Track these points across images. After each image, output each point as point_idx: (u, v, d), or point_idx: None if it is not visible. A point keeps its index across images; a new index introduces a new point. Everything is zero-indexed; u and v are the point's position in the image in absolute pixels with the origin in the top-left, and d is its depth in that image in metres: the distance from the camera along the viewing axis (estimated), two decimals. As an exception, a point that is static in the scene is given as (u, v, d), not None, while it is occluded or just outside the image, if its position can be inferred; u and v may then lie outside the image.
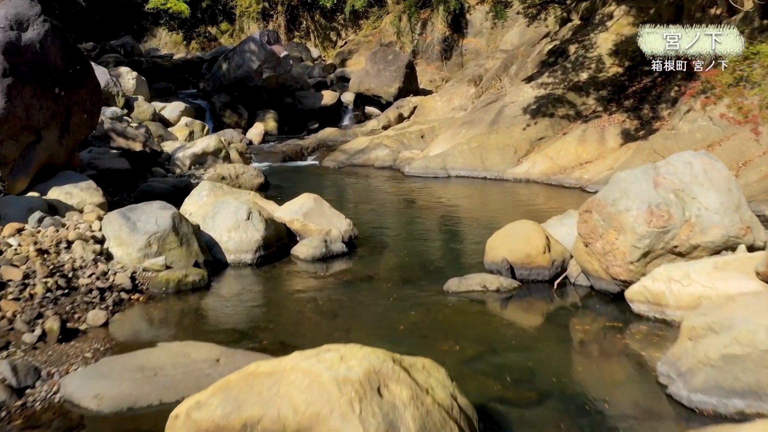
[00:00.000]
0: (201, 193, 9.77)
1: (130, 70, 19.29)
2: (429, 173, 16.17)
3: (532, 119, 16.62)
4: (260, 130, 21.26)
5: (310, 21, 33.98)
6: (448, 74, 27.58)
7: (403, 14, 29.86)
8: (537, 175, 15.38)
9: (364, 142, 18.78)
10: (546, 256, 7.80)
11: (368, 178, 16.16)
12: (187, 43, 35.02)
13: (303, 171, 17.21)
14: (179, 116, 18.96)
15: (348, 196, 13.79)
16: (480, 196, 14.09)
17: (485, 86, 22.21)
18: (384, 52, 25.50)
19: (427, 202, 13.24)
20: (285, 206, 9.73)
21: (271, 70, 22.96)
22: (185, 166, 14.57)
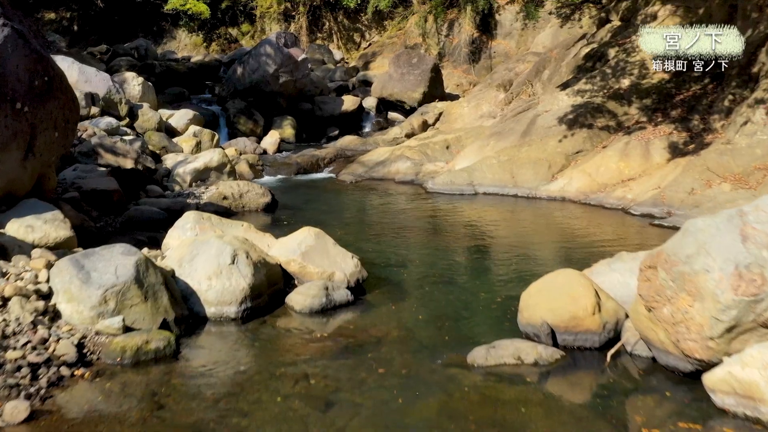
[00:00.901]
0: (185, 226, 8.29)
1: (135, 76, 17.89)
2: (454, 190, 14.56)
3: (568, 130, 14.95)
4: (275, 139, 19.78)
5: (332, 22, 32.45)
6: (475, 78, 25.90)
7: (428, 15, 28.24)
8: (573, 193, 13.72)
9: (384, 154, 17.21)
10: (595, 318, 6.19)
11: (387, 194, 14.59)
12: (207, 45, 33.67)
13: (317, 186, 15.68)
14: (187, 125, 17.52)
15: (361, 219, 12.22)
16: (511, 219, 12.45)
17: (515, 92, 20.55)
18: (408, 55, 23.90)
19: (450, 227, 11.64)
20: (281, 242, 8.18)
21: (288, 74, 21.48)
22: (185, 183, 13.11)
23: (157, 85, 22.40)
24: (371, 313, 7.23)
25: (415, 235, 10.94)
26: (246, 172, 16.01)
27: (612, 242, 10.41)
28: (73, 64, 15.97)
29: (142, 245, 9.13)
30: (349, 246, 9.60)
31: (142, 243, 9.35)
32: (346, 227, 11.23)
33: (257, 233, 8.53)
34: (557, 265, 8.92)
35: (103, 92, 15.93)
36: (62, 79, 8.96)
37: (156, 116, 16.64)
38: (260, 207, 12.35)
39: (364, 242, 10.21)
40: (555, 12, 25.42)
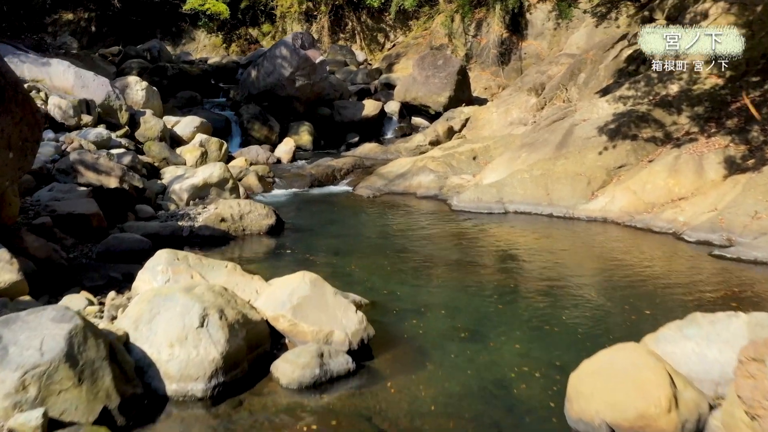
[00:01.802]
0: (155, 268, 6.77)
1: (138, 80, 16.47)
2: (481, 207, 12.94)
3: (609, 142, 13.25)
4: (290, 147, 18.29)
5: (355, 22, 30.91)
6: (505, 81, 24.22)
7: (455, 14, 26.60)
8: (616, 213, 12.05)
9: (405, 165, 15.62)
10: (672, 417, 4.56)
11: (407, 213, 13.00)
12: (226, 46, 32.30)
13: (331, 201, 14.13)
14: (194, 133, 16.07)
15: (376, 246, 10.61)
16: (546, 246, 10.77)
17: (548, 96, 18.88)
18: (433, 57, 22.29)
19: (477, 257, 10.01)
20: (270, 291, 6.61)
21: (305, 77, 19.97)
22: (182, 201, 11.64)
23: (169, 88, 21.10)
24: (376, 391, 5.62)
25: (436, 268, 9.33)
26: (255, 186, 14.53)
27: (668, 279, 8.74)
28: (69, 68, 14.61)
29: (113, 285, 7.70)
30: (359, 284, 8.16)
31: (113, 282, 7.89)
32: (358, 257, 9.67)
33: (244, 276, 6.98)
34: (607, 316, 7.32)
35: (102, 98, 14.56)
36: (17, 90, 7.47)
37: (159, 124, 15.20)
38: (263, 230, 10.84)
39: (377, 278, 8.64)
40: (590, 11, 23.64)
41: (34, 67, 14.49)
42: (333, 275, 8.66)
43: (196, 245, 10.20)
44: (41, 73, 14.46)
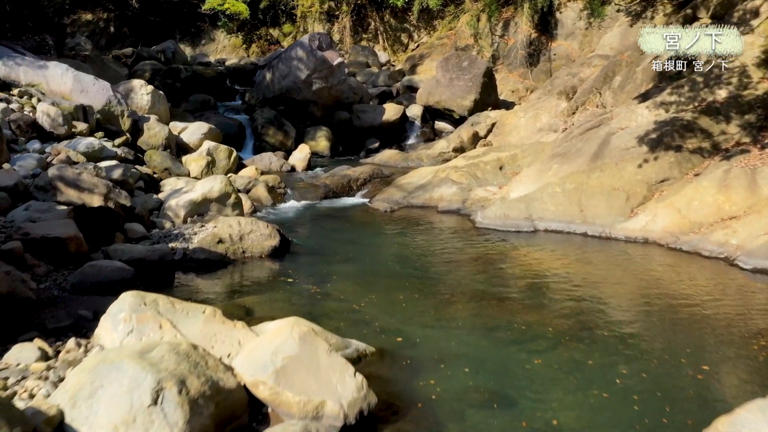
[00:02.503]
0: (117, 316, 5.62)
1: (144, 84, 15.38)
2: (508, 225, 11.67)
3: (650, 153, 11.90)
4: (305, 154, 17.12)
5: (378, 22, 29.68)
6: (533, 83, 22.87)
7: (481, 13, 25.29)
8: (659, 233, 10.72)
9: (425, 176, 14.38)
10: None
11: (426, 230, 11.75)
12: (246, 46, 31.24)
13: (345, 215, 12.91)
14: (201, 140, 14.98)
15: (391, 272, 9.35)
16: (581, 272, 9.43)
17: (580, 101, 17.52)
18: (458, 58, 21.00)
19: (503, 287, 8.72)
20: (250, 349, 5.39)
21: (322, 80, 18.82)
22: (179, 218, 10.50)
23: (182, 91, 20.10)
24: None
25: (457, 303, 8.06)
26: (264, 198, 13.39)
27: (728, 321, 7.37)
28: (67, 72, 13.58)
29: (79, 328, 6.58)
30: (367, 324, 7.04)
31: (80, 323, 6.74)
32: (368, 288, 8.44)
33: (224, 324, 5.79)
34: (665, 375, 6.00)
35: (102, 103, 13.51)
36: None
37: (163, 131, 14.11)
38: (265, 252, 9.66)
39: (388, 316, 7.42)
40: (624, 9, 22.23)
41: (31, 71, 13.47)
42: (337, 312, 7.51)
43: (190, 270, 9.07)
44: (38, 76, 13.44)
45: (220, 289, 8.36)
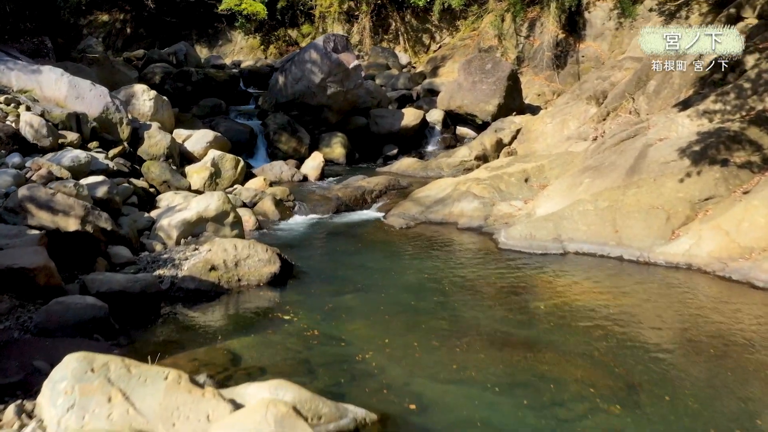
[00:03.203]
0: (57, 387, 4.56)
1: (146, 89, 14.35)
2: (535, 247, 10.48)
3: (693, 167, 10.66)
4: (318, 162, 16.04)
5: (399, 22, 28.52)
6: (560, 87, 21.62)
7: (506, 13, 24.05)
8: (704, 259, 9.48)
9: (445, 188, 13.23)
10: None
11: (444, 252, 10.59)
12: (264, 48, 30.25)
13: (356, 233, 11.79)
14: (206, 148, 13.94)
15: (400, 305, 8.18)
16: (619, 307, 8.22)
17: (611, 106, 16.26)
18: (481, 60, 19.82)
19: (530, 327, 7.52)
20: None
21: (337, 83, 17.73)
22: (171, 240, 9.44)
23: (193, 95, 19.13)
24: None
25: (478, 348, 6.87)
26: (270, 213, 12.33)
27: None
28: (62, 77, 12.60)
29: (32, 384, 5.55)
30: (372, 378, 6.18)
31: (33, 379, 5.71)
32: (376, 328, 7.31)
33: (191, 393, 4.69)
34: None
35: (99, 111, 12.53)
36: None
37: (165, 139, 13.09)
38: (263, 280, 8.58)
39: (397, 367, 6.28)
40: (656, 8, 20.90)
41: (23, 75, 12.51)
42: (338, 361, 6.42)
43: (179, 301, 8.03)
44: (30, 81, 12.47)
45: (206, 328, 7.29)
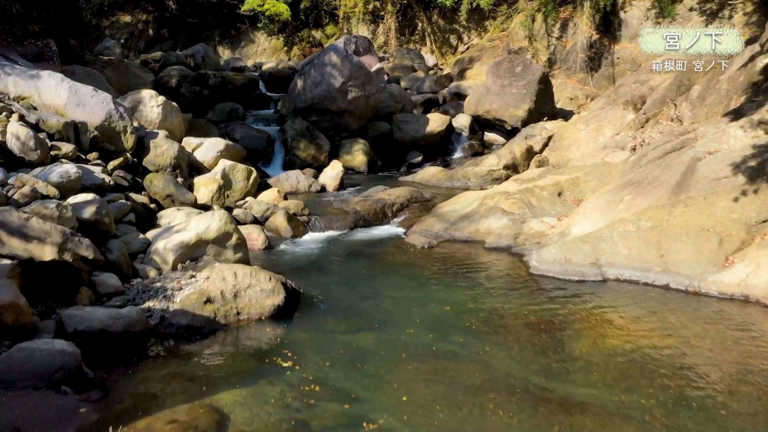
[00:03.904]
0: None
1: (154, 95, 13.43)
2: (570, 272, 9.37)
3: (749, 185, 9.46)
4: (337, 172, 15.03)
5: (426, 22, 27.42)
6: (594, 90, 20.38)
7: (537, 13, 22.85)
8: (764, 290, 8.31)
9: (471, 202, 12.16)
10: None
11: (469, 278, 9.50)
12: (288, 49, 29.32)
13: (374, 253, 10.74)
14: (216, 158, 13.01)
15: (417, 348, 7.10)
16: (670, 348, 7.09)
17: (650, 112, 15.05)
18: (510, 63, 18.69)
19: (570, 378, 6.40)
20: None
21: (358, 88, 16.72)
22: (167, 265, 8.47)
23: (210, 99, 18.24)
24: None
25: (511, 410, 5.73)
26: (282, 229, 11.36)
27: None
28: (62, 83, 11.74)
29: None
30: None
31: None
32: (392, 382, 6.25)
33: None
34: None
35: (101, 118, 11.65)
36: None
37: (173, 149, 12.17)
38: (266, 313, 7.60)
39: None
40: (697, 8, 19.60)
41: (21, 81, 11.67)
42: (343, 428, 5.40)
43: (169, 338, 7.10)
44: (29, 87, 11.62)
45: (194, 376, 6.29)
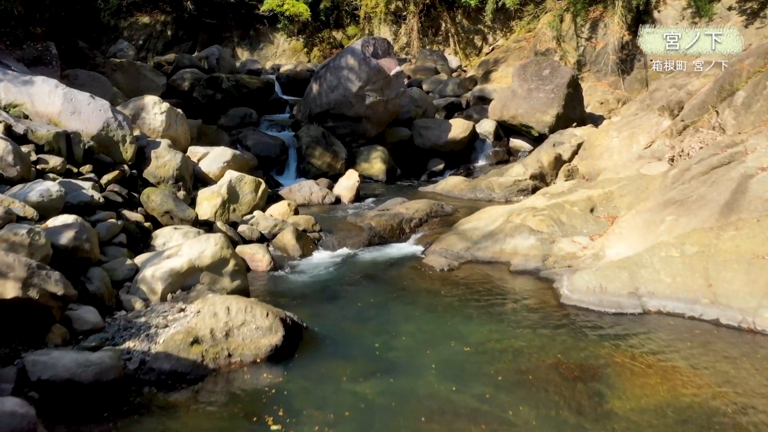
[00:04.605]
0: None
1: (158, 101, 12.54)
2: (606, 303, 8.31)
3: (808, 207, 8.38)
4: (353, 182, 14.06)
5: (449, 23, 26.37)
6: (626, 94, 19.23)
7: (565, 13, 21.72)
8: (830, 329, 7.24)
9: (495, 219, 11.14)
10: None
11: (494, 307, 8.48)
12: (308, 50, 28.44)
13: (389, 277, 9.74)
14: (223, 169, 12.12)
15: (433, 402, 6.14)
16: (724, 403, 6.03)
17: (688, 119, 13.91)
18: (537, 65, 17.60)
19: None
20: None
21: (377, 92, 15.74)
22: (155, 295, 7.55)
23: (223, 103, 17.41)
24: None
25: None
26: (290, 247, 10.41)
27: None
28: (56, 89, 10.89)
29: None
30: None
31: None
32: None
33: None
34: None
35: (98, 127, 10.80)
36: None
37: (175, 159, 11.29)
38: (261, 354, 6.65)
39: None
40: (736, 7, 18.39)
41: (13, 87, 10.84)
42: None
43: (148, 385, 6.14)
44: (21, 94, 10.79)
45: None
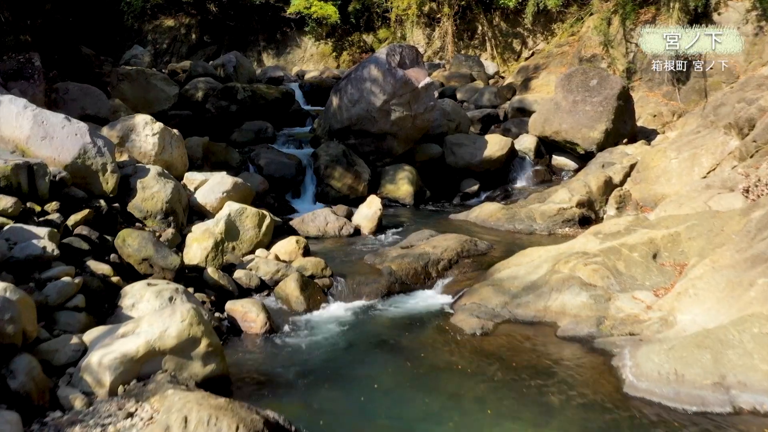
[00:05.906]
0: None
1: (150, 121, 10.80)
2: (683, 396, 6.32)
3: None
4: (374, 210, 12.19)
5: (486, 26, 24.36)
6: (682, 106, 17.08)
7: (613, 15, 19.57)
8: None
9: (538, 264, 9.21)
10: None
11: (536, 392, 6.56)
12: (337, 55, 26.67)
13: (410, 343, 7.86)
14: (221, 200, 10.38)
15: None
16: None
17: (761, 140, 11.83)
18: (584, 75, 15.56)
19: None
20: None
21: (403, 106, 13.89)
22: (103, 389, 5.77)
23: (238, 116, 15.72)
24: None
25: None
26: (294, 300, 8.61)
27: None
28: (25, 111, 9.22)
29: None
30: None
31: None
32: None
33: None
34: None
35: (72, 155, 9.12)
36: None
37: (165, 190, 9.58)
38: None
39: None
40: (809, 8, 16.13)
41: (-23, 109, 9.21)
42: None
43: None
44: (-15, 117, 9.16)
45: None
